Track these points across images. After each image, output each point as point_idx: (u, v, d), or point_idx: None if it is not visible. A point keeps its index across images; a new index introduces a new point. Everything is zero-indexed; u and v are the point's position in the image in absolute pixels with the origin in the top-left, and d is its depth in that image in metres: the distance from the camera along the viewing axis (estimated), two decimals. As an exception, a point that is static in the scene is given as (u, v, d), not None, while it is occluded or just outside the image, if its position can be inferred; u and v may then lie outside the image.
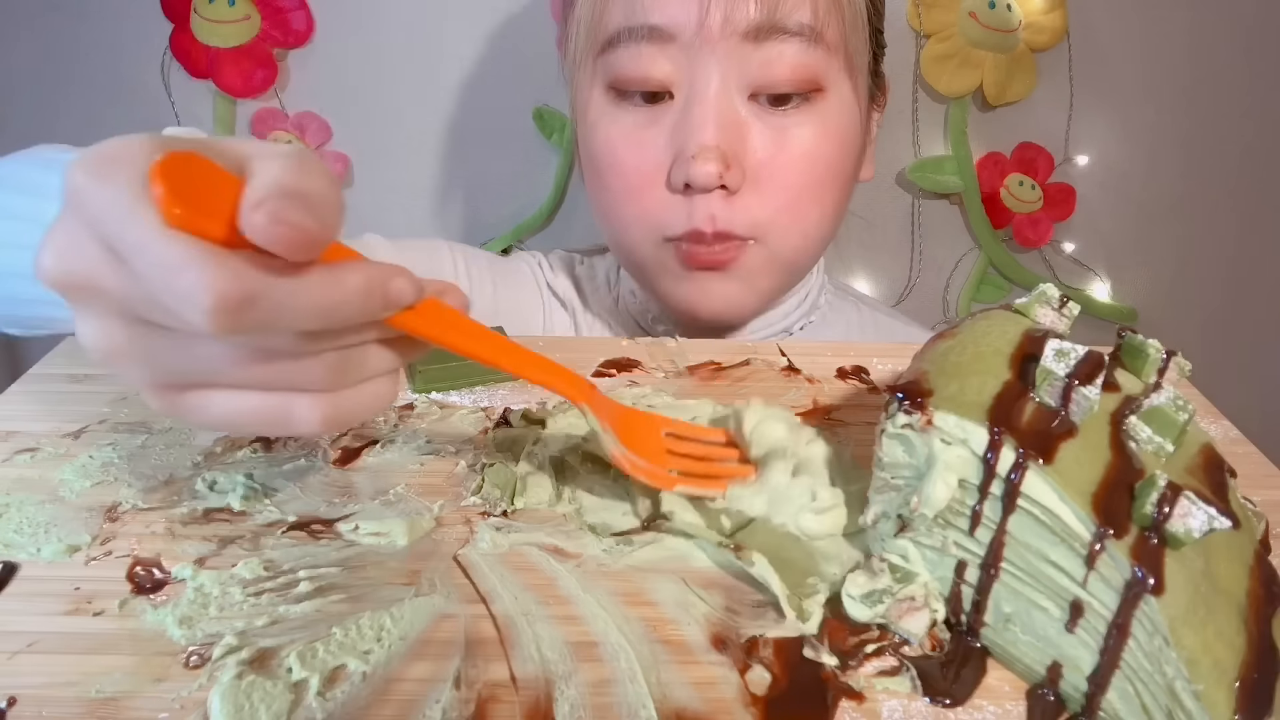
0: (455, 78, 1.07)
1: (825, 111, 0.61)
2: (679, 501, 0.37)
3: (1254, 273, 1.19)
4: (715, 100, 0.58)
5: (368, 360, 0.32)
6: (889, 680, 0.31)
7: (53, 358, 0.48)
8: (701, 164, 0.57)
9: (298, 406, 0.31)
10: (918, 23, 1.05)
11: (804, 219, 0.62)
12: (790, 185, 0.61)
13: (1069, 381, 0.30)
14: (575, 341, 0.54)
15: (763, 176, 0.60)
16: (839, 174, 0.63)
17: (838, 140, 0.62)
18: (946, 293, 1.19)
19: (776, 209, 0.61)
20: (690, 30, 0.57)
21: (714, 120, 0.58)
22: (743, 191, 0.60)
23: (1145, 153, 1.13)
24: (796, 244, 0.63)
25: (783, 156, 0.60)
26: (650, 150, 0.60)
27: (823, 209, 0.63)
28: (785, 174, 0.60)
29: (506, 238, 1.13)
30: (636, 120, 0.61)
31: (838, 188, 0.64)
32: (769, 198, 0.60)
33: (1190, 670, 0.26)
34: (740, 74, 0.59)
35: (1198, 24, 1.07)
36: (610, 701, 0.29)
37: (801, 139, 0.60)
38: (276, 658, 0.30)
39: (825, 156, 0.61)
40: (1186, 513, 0.27)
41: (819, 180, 0.62)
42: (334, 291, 0.28)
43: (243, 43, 1.03)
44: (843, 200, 0.66)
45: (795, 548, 0.36)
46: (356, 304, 0.29)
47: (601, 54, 0.61)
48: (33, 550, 0.35)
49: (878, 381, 0.49)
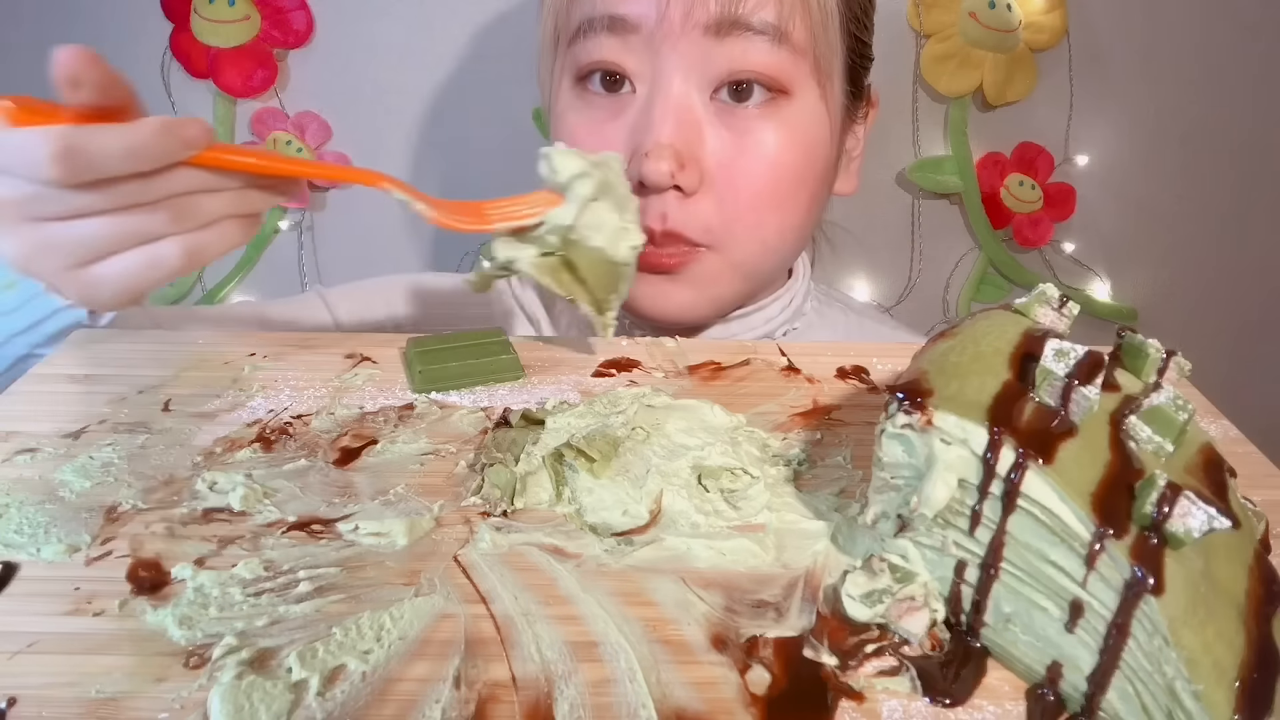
0: (455, 78, 1.07)
1: (789, 116, 0.59)
2: (510, 245, 0.48)
3: (1254, 273, 1.19)
4: (675, 97, 0.58)
5: (202, 205, 0.43)
6: (889, 680, 0.31)
7: (53, 358, 0.48)
8: (654, 162, 0.56)
9: (162, 249, 0.43)
10: (918, 23, 1.05)
11: (762, 227, 0.61)
12: (748, 191, 0.59)
13: (1069, 381, 0.30)
14: (575, 341, 0.54)
15: (720, 180, 0.59)
16: (802, 183, 0.61)
17: (802, 147, 0.60)
18: (946, 293, 1.19)
19: (733, 215, 0.59)
20: (652, 22, 0.57)
21: (672, 118, 0.57)
22: (699, 194, 0.59)
23: (1145, 153, 1.13)
24: (754, 252, 0.62)
25: (742, 160, 0.59)
26: (610, 144, 0.59)
27: (783, 218, 0.61)
28: (744, 179, 0.59)
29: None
30: (598, 114, 0.60)
31: (802, 198, 0.62)
32: (726, 203, 0.59)
33: (1190, 670, 0.26)
34: (703, 70, 0.57)
35: (1197, 24, 1.07)
36: (610, 701, 0.29)
37: (762, 142, 0.59)
38: (276, 658, 0.30)
39: (787, 163, 0.60)
40: (1186, 513, 0.27)
41: (780, 188, 0.60)
42: (134, 135, 0.39)
43: (243, 43, 1.03)
44: (809, 211, 0.64)
45: (606, 268, 0.49)
46: (157, 144, 0.40)
47: (569, 45, 0.61)
48: (33, 550, 0.35)
49: (878, 381, 0.49)
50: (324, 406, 0.45)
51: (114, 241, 0.43)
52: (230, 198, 0.44)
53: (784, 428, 0.44)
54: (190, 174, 0.42)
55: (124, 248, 0.43)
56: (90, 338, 0.50)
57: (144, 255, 0.43)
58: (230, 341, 0.51)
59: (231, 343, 0.51)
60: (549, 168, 0.48)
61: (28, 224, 0.42)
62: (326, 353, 0.50)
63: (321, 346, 0.51)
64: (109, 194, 0.41)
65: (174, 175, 0.42)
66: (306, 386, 0.47)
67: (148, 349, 0.50)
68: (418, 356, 0.47)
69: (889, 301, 1.18)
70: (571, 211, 0.47)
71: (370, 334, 0.53)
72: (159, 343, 0.51)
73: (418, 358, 0.47)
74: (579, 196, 0.47)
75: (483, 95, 1.08)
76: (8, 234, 0.42)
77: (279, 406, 0.45)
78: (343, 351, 0.50)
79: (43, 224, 0.42)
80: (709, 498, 0.39)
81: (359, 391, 0.46)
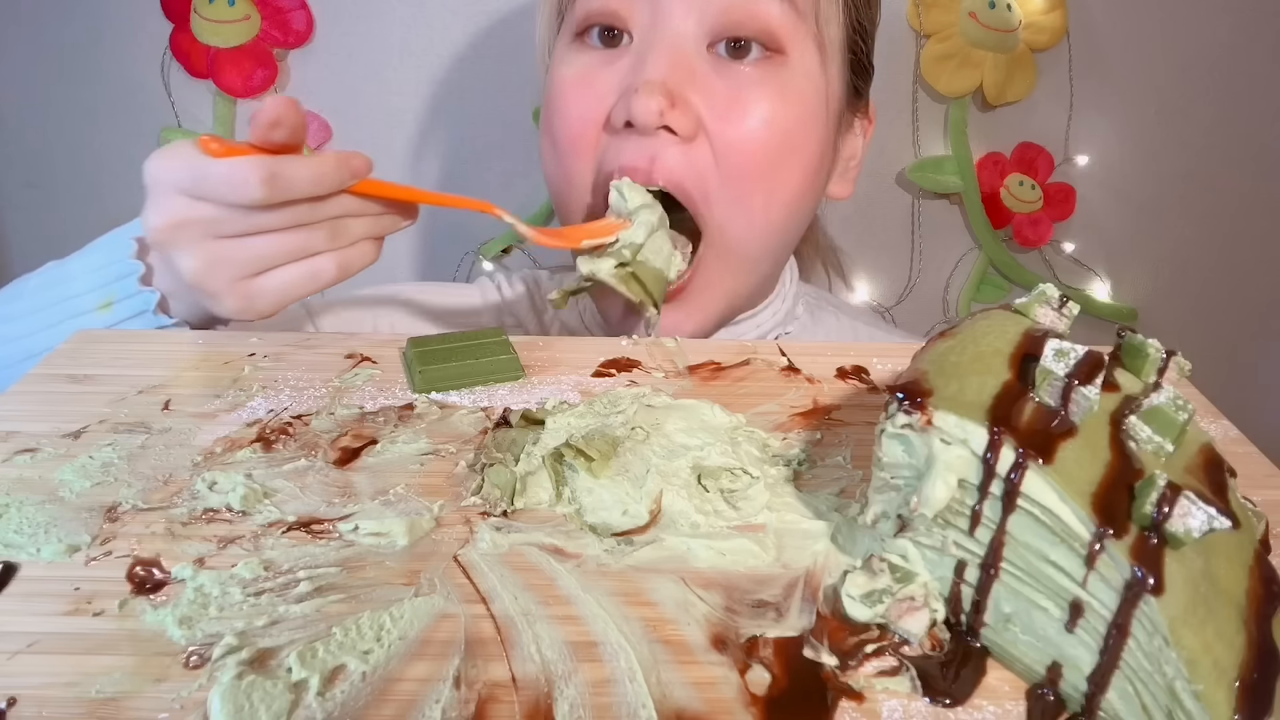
0: (455, 77, 1.07)
1: (787, 77, 0.57)
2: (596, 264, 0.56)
3: (1253, 272, 1.19)
4: (671, 40, 0.56)
5: (352, 227, 0.50)
6: (889, 680, 0.31)
7: (53, 358, 0.48)
8: (643, 97, 0.54)
9: (320, 264, 0.49)
10: (918, 23, 1.05)
11: (750, 197, 0.58)
12: (740, 148, 0.57)
13: (1069, 381, 0.30)
14: (575, 341, 0.54)
15: (714, 133, 0.57)
16: (794, 151, 0.59)
17: (796, 111, 0.58)
18: (946, 293, 1.19)
19: (723, 179, 0.57)
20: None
21: (666, 58, 0.56)
22: (696, 142, 0.57)
23: (1145, 153, 1.13)
24: (744, 231, 0.59)
25: (736, 115, 0.57)
26: (599, 93, 0.58)
27: (771, 191, 0.59)
28: (737, 134, 0.57)
29: (506, 238, 1.13)
30: (591, 62, 0.59)
31: (793, 168, 0.59)
32: (717, 161, 0.57)
33: (1190, 670, 0.26)
34: (701, 19, 0.56)
35: (1198, 24, 1.07)
36: (610, 701, 0.29)
37: (758, 98, 0.57)
38: (276, 658, 0.30)
39: (780, 123, 0.57)
40: (1186, 513, 0.27)
41: (772, 150, 0.58)
42: (320, 165, 0.47)
43: (243, 43, 1.03)
44: (799, 194, 0.61)
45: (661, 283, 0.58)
46: (334, 173, 0.47)
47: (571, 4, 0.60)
48: (33, 550, 0.35)
49: (878, 381, 0.49)
50: (324, 406, 0.45)
51: (280, 256, 0.49)
52: (370, 222, 0.51)
53: (784, 428, 0.44)
54: (347, 200, 0.49)
55: (287, 262, 0.49)
56: (90, 338, 0.50)
57: (305, 269, 0.49)
58: (230, 341, 0.51)
59: (231, 343, 0.51)
60: (619, 197, 0.56)
61: (208, 242, 0.47)
62: (326, 353, 0.50)
63: (321, 346, 0.51)
64: (283, 214, 0.47)
65: (336, 200, 0.49)
66: (306, 386, 0.47)
67: (148, 349, 0.50)
68: (418, 357, 0.47)
69: (889, 301, 1.18)
70: (641, 232, 0.55)
71: (370, 334, 0.53)
72: (159, 343, 0.51)
73: (418, 358, 0.47)
74: (646, 222, 0.55)
75: (483, 95, 1.08)
76: (188, 252, 0.48)
77: (279, 406, 0.45)
78: (343, 351, 0.50)
79: (220, 242, 0.48)
80: (709, 498, 0.39)
81: (359, 391, 0.46)
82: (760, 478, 0.40)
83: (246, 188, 0.45)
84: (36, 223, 1.12)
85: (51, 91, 1.07)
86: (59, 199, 1.12)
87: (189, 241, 0.48)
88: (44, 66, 1.06)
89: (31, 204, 1.11)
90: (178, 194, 0.47)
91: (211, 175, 0.46)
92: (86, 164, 1.10)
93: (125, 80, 1.06)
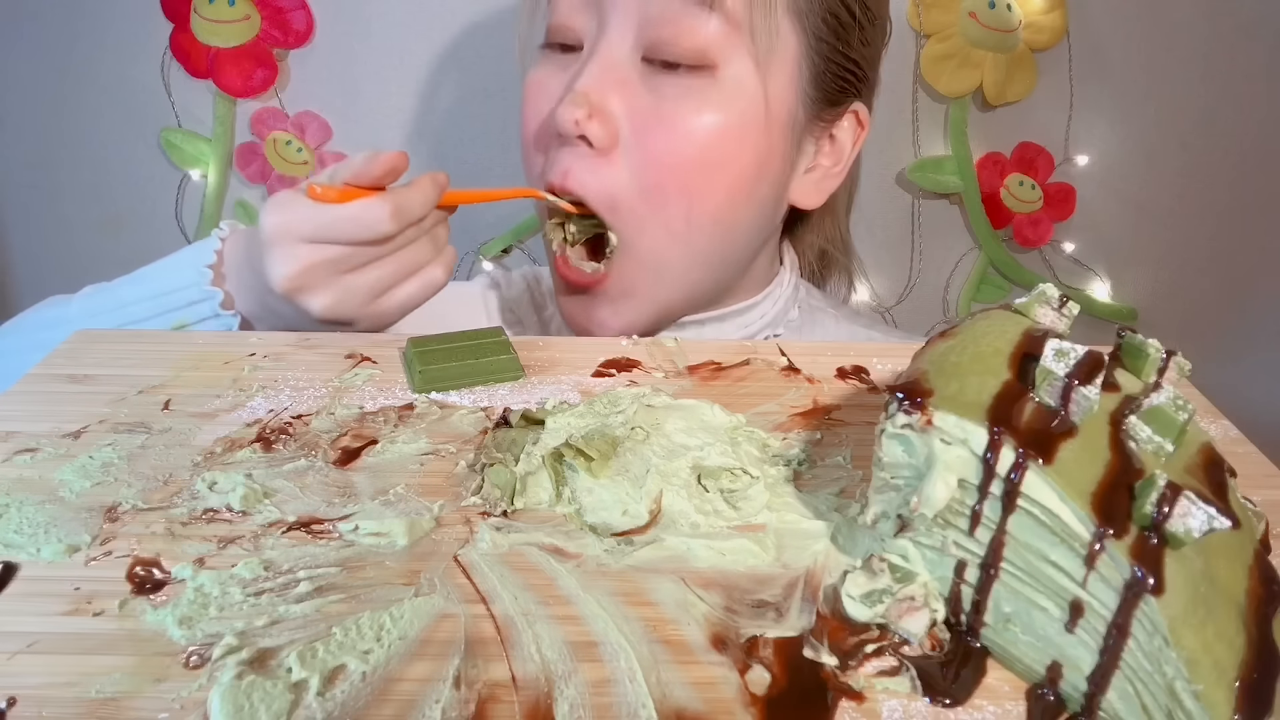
0: (455, 78, 1.07)
1: (716, 92, 0.57)
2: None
3: (1253, 273, 1.19)
4: (605, 52, 0.58)
5: (439, 235, 0.57)
6: (889, 680, 0.31)
7: (53, 358, 0.48)
8: (566, 105, 0.56)
9: (431, 274, 0.56)
10: (918, 23, 1.05)
11: (666, 211, 0.58)
12: (659, 163, 0.57)
13: (1069, 381, 0.30)
14: (575, 341, 0.54)
15: (633, 145, 0.57)
16: (720, 166, 0.58)
17: (721, 126, 0.57)
18: (946, 293, 1.19)
19: (639, 191, 0.57)
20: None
21: (597, 69, 0.57)
22: (612, 158, 0.58)
23: (1145, 153, 1.13)
24: (660, 240, 0.59)
25: (658, 128, 0.57)
26: (549, 96, 0.60)
27: (692, 203, 0.58)
28: (656, 147, 0.57)
29: (506, 238, 1.13)
30: (550, 69, 0.61)
31: (719, 183, 0.59)
32: (634, 173, 0.57)
33: (1190, 670, 0.26)
34: (636, 30, 0.57)
35: (1198, 24, 1.07)
36: (610, 701, 0.29)
37: (679, 111, 0.57)
38: (276, 658, 0.30)
39: (702, 137, 0.57)
40: (1186, 513, 0.27)
41: (691, 163, 0.57)
42: (425, 191, 0.53)
43: (243, 43, 1.03)
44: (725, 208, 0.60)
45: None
46: (434, 194, 0.54)
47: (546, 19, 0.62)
48: (33, 550, 0.35)
49: (878, 381, 0.49)
50: (324, 406, 0.45)
51: (397, 276, 0.54)
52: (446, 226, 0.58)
53: (784, 428, 0.44)
54: (436, 211, 0.55)
55: (404, 279, 0.54)
56: (90, 338, 0.50)
57: (420, 281, 0.55)
58: (230, 341, 0.51)
59: (231, 343, 0.51)
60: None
61: (337, 278, 0.52)
62: (326, 353, 0.50)
63: (321, 346, 0.51)
64: (399, 239, 0.53)
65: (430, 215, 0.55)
66: (306, 386, 0.47)
67: (148, 349, 0.50)
68: (418, 356, 0.47)
69: (889, 301, 1.18)
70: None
71: (370, 334, 0.53)
72: (159, 343, 0.51)
73: (418, 358, 0.47)
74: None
75: (482, 95, 1.08)
76: (320, 292, 0.52)
77: (279, 406, 0.45)
78: (343, 351, 0.50)
79: (348, 275, 0.53)
80: (709, 498, 0.39)
81: (359, 391, 0.46)
82: (760, 478, 0.40)
83: (379, 224, 0.51)
84: (37, 223, 1.12)
85: (52, 91, 1.07)
86: (59, 199, 1.12)
87: (320, 282, 0.52)
88: (44, 67, 1.06)
89: (32, 204, 1.11)
90: (301, 242, 0.51)
91: (341, 219, 0.51)
92: (86, 164, 1.10)
93: (125, 80, 1.06)
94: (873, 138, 0.71)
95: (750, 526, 0.37)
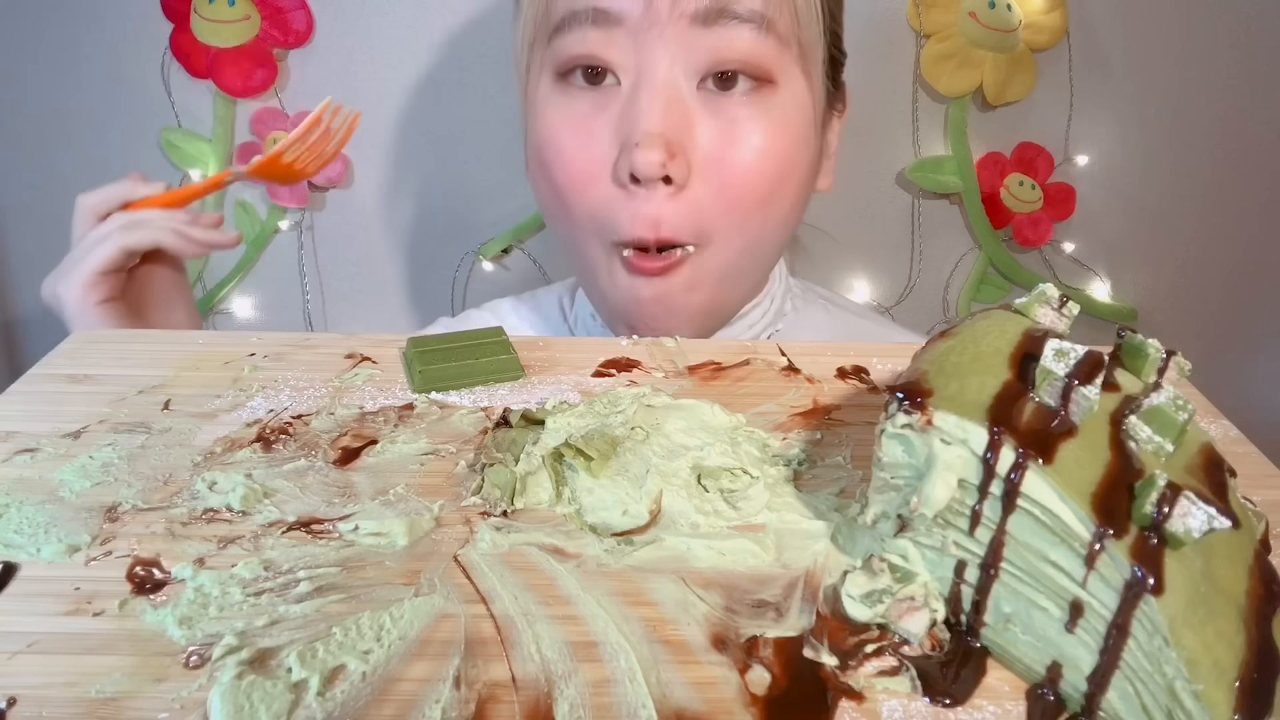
0: (454, 77, 1.07)
1: (777, 105, 0.58)
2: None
3: (1254, 273, 1.19)
4: (663, 86, 0.57)
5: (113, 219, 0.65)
6: (889, 680, 0.31)
7: (53, 358, 0.48)
8: (645, 151, 0.55)
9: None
10: (918, 23, 1.05)
11: (747, 223, 0.60)
12: (738, 183, 0.58)
13: (1069, 381, 0.30)
14: (575, 341, 0.54)
15: (710, 171, 0.58)
16: (790, 176, 0.60)
17: (790, 137, 0.59)
18: (946, 293, 1.19)
19: (722, 210, 0.58)
20: (638, 13, 0.56)
21: (660, 106, 0.56)
22: (689, 187, 0.58)
23: (1145, 153, 1.13)
24: (737, 251, 0.61)
25: (731, 151, 0.58)
26: (596, 140, 0.58)
27: (768, 214, 0.60)
28: (733, 170, 0.58)
29: (505, 238, 1.13)
30: (583, 108, 0.59)
31: (788, 191, 0.61)
32: (715, 196, 0.58)
33: (1190, 670, 0.26)
34: (689, 59, 0.57)
35: (1197, 24, 1.07)
36: (610, 701, 0.29)
37: (752, 131, 0.58)
38: (276, 658, 0.30)
39: (776, 153, 0.59)
40: (1186, 513, 0.27)
41: (769, 179, 0.59)
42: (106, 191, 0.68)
43: (243, 43, 1.03)
44: (793, 208, 0.63)
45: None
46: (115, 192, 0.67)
47: (549, 41, 0.59)
48: (33, 550, 0.35)
49: (878, 381, 0.49)
50: (324, 406, 0.45)
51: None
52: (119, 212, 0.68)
53: (784, 428, 0.44)
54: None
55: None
56: (90, 338, 0.50)
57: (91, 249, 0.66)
58: (230, 341, 0.51)
59: (231, 343, 0.51)
60: None
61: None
62: (326, 353, 0.50)
63: (321, 346, 0.51)
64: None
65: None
66: (306, 386, 0.47)
67: (148, 349, 0.50)
68: (418, 356, 0.47)
69: (889, 301, 1.18)
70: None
71: (370, 334, 0.53)
72: (159, 343, 0.51)
73: (418, 358, 0.47)
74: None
75: (482, 95, 1.08)
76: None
77: (279, 406, 0.45)
78: (343, 351, 0.50)
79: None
80: (709, 498, 0.39)
81: (359, 391, 0.46)
82: (760, 478, 0.40)
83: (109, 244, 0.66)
84: (37, 223, 1.12)
85: (52, 92, 1.07)
86: (59, 199, 1.12)
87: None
88: (44, 67, 1.06)
89: (32, 204, 1.11)
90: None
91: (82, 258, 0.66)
92: (86, 164, 1.10)
93: (125, 80, 1.06)
94: (873, 138, 0.71)
95: (750, 526, 0.37)
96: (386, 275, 1.16)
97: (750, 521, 0.38)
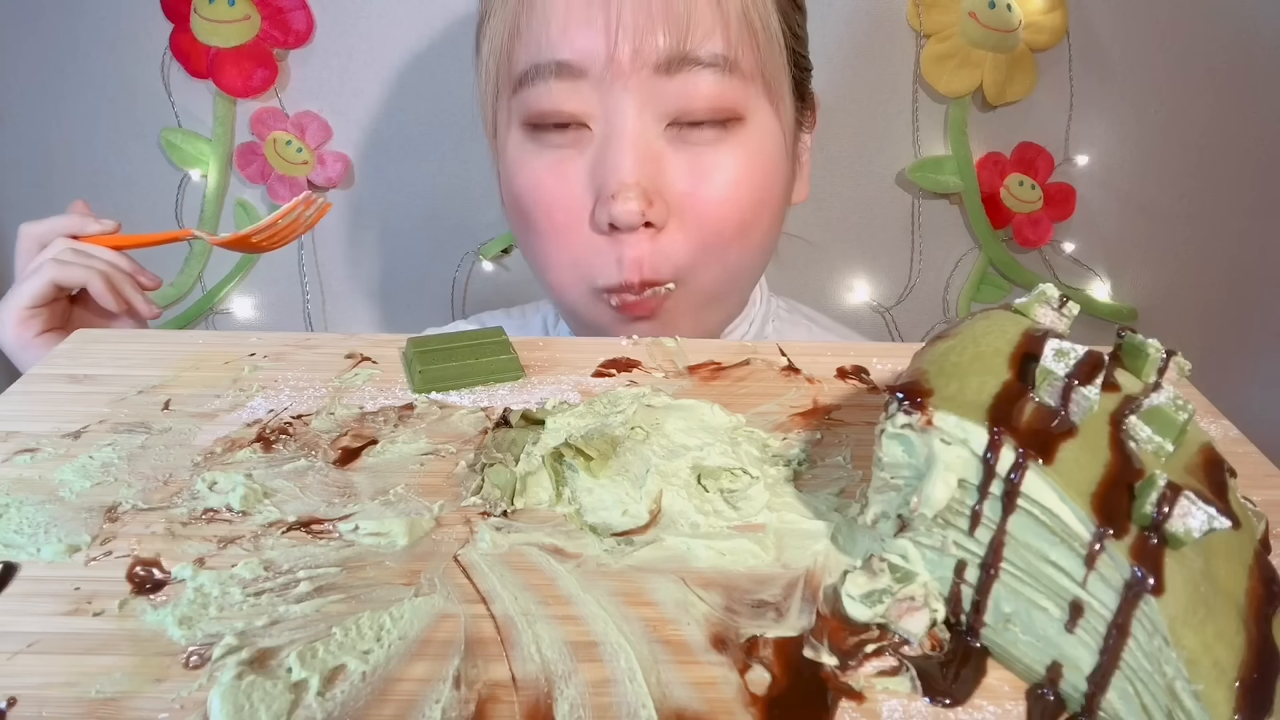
0: (455, 77, 1.07)
1: (747, 140, 0.59)
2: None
3: (1254, 273, 1.19)
4: (632, 135, 0.57)
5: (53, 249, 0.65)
6: (889, 680, 0.31)
7: (53, 358, 0.48)
8: (623, 203, 0.56)
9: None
10: (918, 23, 1.05)
11: (726, 254, 0.61)
12: (713, 218, 0.59)
13: (1069, 381, 0.30)
14: (575, 342, 0.54)
15: (687, 209, 0.58)
16: (764, 205, 0.61)
17: (763, 167, 0.60)
18: (946, 293, 1.19)
19: (702, 246, 0.59)
20: (600, 65, 0.56)
21: (632, 155, 0.57)
22: (668, 228, 0.59)
23: (1145, 153, 1.13)
24: (717, 280, 0.62)
25: (704, 187, 0.58)
26: (573, 185, 0.59)
27: (745, 244, 0.61)
28: (708, 205, 0.59)
29: (505, 238, 1.13)
30: (556, 156, 0.60)
31: (764, 220, 0.62)
32: (693, 233, 0.59)
33: (1190, 670, 0.26)
34: (655, 107, 0.57)
35: (1197, 24, 1.07)
36: (610, 701, 0.29)
37: (724, 168, 0.59)
38: (276, 658, 0.30)
39: (749, 186, 0.60)
40: (1186, 512, 0.27)
41: (745, 211, 0.60)
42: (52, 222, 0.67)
43: (243, 43, 1.03)
44: (769, 233, 0.64)
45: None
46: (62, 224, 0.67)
47: (515, 93, 0.60)
48: (33, 550, 0.35)
49: (878, 381, 0.49)
50: (324, 406, 0.45)
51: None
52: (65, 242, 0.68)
53: (784, 428, 0.44)
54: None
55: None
56: (90, 338, 0.50)
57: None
58: (230, 342, 0.51)
59: (231, 343, 0.51)
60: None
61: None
62: (326, 353, 0.50)
63: (321, 346, 0.51)
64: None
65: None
66: (306, 386, 0.47)
67: (148, 349, 0.50)
68: (418, 356, 0.47)
69: (889, 302, 1.18)
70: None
71: (370, 334, 0.53)
72: (159, 343, 0.51)
73: (418, 358, 0.47)
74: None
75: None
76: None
77: (279, 406, 0.45)
78: (343, 351, 0.50)
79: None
80: (709, 498, 0.39)
81: (359, 391, 0.46)
82: (760, 478, 0.40)
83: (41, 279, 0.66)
84: (36, 223, 1.12)
85: (52, 91, 1.07)
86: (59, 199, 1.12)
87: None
88: (44, 67, 1.06)
89: (32, 204, 1.11)
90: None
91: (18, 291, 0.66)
92: (86, 164, 1.10)
93: (125, 80, 1.06)
94: (873, 138, 0.71)
95: (750, 526, 0.37)
96: (386, 275, 1.16)
97: (750, 521, 0.38)
